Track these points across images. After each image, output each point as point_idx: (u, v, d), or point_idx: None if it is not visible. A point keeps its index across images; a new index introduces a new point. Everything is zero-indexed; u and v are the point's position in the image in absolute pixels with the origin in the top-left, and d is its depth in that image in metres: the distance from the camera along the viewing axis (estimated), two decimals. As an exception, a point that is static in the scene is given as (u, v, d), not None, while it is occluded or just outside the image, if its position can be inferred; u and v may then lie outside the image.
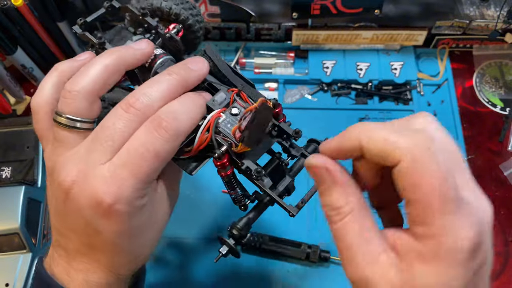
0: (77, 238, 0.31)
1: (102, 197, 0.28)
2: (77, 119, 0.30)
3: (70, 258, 0.32)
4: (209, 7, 0.63)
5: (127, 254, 0.32)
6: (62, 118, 0.30)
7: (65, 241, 0.32)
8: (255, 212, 0.34)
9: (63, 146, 0.31)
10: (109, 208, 0.28)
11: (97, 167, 0.29)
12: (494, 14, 0.63)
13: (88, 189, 0.29)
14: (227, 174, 0.32)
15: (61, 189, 0.30)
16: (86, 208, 0.29)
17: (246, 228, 0.33)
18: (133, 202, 0.29)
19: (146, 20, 0.37)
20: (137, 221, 0.31)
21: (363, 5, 0.61)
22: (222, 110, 0.32)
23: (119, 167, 0.28)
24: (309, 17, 0.63)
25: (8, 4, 0.55)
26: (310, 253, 0.52)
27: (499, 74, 0.68)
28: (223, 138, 0.31)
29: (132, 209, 0.29)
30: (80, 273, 0.32)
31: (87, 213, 0.29)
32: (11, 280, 0.49)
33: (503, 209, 0.58)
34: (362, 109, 0.64)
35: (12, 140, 0.58)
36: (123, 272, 0.33)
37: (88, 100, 0.30)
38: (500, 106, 0.65)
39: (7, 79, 0.62)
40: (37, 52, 0.64)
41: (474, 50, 0.69)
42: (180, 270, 0.54)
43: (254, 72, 0.67)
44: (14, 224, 0.50)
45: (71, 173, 0.29)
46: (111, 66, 0.31)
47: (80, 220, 0.30)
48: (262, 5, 0.64)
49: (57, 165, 0.30)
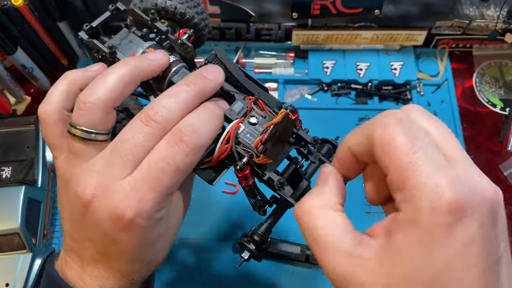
0: (93, 247, 0.31)
1: (123, 211, 0.28)
2: (93, 131, 0.30)
3: (84, 264, 0.32)
4: (209, 7, 0.63)
5: (142, 261, 0.33)
6: (77, 130, 0.30)
7: (79, 248, 0.32)
8: (274, 216, 0.34)
9: (78, 158, 0.31)
10: (129, 222, 0.28)
11: (117, 181, 0.29)
12: (494, 14, 0.63)
13: (109, 203, 0.28)
14: (248, 184, 0.32)
15: (80, 201, 0.29)
16: (106, 221, 0.29)
17: (267, 233, 0.33)
18: (153, 215, 0.29)
19: (155, 25, 0.36)
20: (155, 233, 0.31)
21: (363, 5, 0.61)
22: (241, 120, 0.32)
23: (139, 182, 0.28)
24: (309, 17, 0.63)
25: (8, 4, 0.55)
26: (310, 255, 0.52)
27: (499, 74, 0.68)
28: (243, 149, 0.31)
29: (152, 223, 0.30)
30: (95, 279, 0.32)
31: (106, 226, 0.29)
32: (11, 280, 0.49)
33: (503, 209, 0.58)
34: (362, 109, 0.64)
35: (12, 140, 0.58)
36: (137, 278, 0.33)
37: (103, 111, 0.30)
38: (500, 106, 0.65)
39: (7, 79, 0.62)
40: (37, 52, 0.64)
41: (474, 50, 0.69)
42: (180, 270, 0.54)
43: (254, 72, 0.67)
44: (14, 224, 0.50)
45: (90, 186, 0.29)
46: (127, 77, 0.31)
47: (98, 232, 0.30)
48: (262, 5, 0.64)
49: (74, 176, 0.30)
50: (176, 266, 0.54)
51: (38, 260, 0.52)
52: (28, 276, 0.50)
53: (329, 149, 0.35)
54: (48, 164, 0.58)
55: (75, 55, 0.68)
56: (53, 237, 0.56)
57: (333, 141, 0.35)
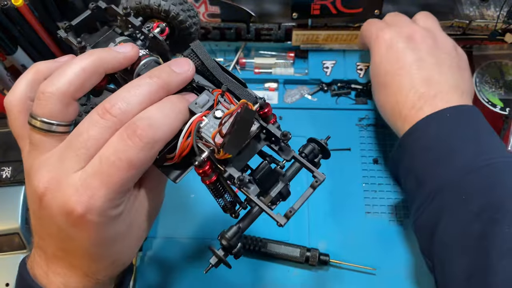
0: (53, 242, 0.31)
1: (73, 206, 0.27)
2: (52, 122, 0.29)
3: (49, 261, 0.32)
4: (209, 7, 0.63)
5: (103, 260, 0.32)
6: (37, 121, 0.29)
7: (43, 244, 0.32)
8: (247, 220, 0.33)
9: (38, 149, 0.30)
10: (80, 218, 0.28)
11: (69, 175, 0.28)
12: (494, 14, 0.64)
13: (60, 197, 0.28)
14: (211, 182, 0.30)
15: (35, 194, 0.29)
16: (58, 215, 0.28)
17: (236, 237, 0.31)
18: (106, 212, 0.28)
19: (129, 21, 0.35)
20: (111, 231, 0.30)
21: (363, 5, 0.61)
22: (205, 113, 0.30)
23: (90, 176, 0.28)
24: (309, 17, 0.63)
25: (8, 4, 0.55)
26: (310, 257, 0.52)
27: (499, 74, 0.68)
28: (204, 144, 0.29)
29: (105, 220, 0.29)
30: (58, 277, 0.31)
31: (59, 221, 0.29)
32: (11, 280, 0.50)
33: (503, 209, 0.58)
34: (362, 109, 0.64)
35: (12, 140, 0.57)
36: (101, 277, 0.33)
37: (62, 102, 0.29)
38: (500, 106, 0.65)
39: (7, 79, 0.62)
40: (37, 52, 0.64)
41: (474, 50, 0.69)
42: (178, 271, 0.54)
43: (254, 72, 0.67)
44: (15, 224, 0.50)
45: (44, 179, 0.29)
46: (89, 68, 0.30)
47: (53, 227, 0.30)
48: (262, 5, 0.64)
49: (32, 169, 0.30)
50: (165, 267, 0.54)
51: (38, 260, 0.52)
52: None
53: (314, 149, 0.33)
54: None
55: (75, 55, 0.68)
56: (53, 237, 0.57)
57: (323, 142, 0.34)
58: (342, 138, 0.61)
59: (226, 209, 0.33)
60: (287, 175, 0.33)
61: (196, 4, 0.63)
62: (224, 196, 0.32)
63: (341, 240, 0.55)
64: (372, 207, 0.57)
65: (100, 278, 0.33)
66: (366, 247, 0.54)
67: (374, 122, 0.63)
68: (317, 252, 0.52)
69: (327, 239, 0.55)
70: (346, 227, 0.56)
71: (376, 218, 0.56)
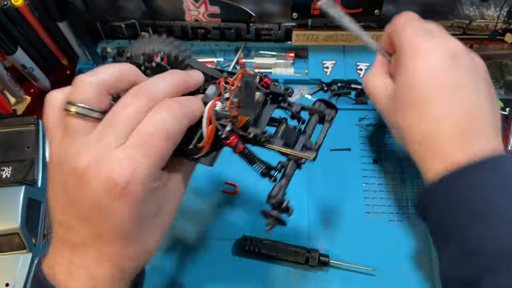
0: (85, 228, 0.31)
1: (117, 179, 0.29)
2: (89, 107, 0.31)
3: (74, 255, 0.32)
4: (209, 7, 0.63)
5: (133, 245, 0.33)
6: (75, 107, 0.31)
7: (70, 235, 0.32)
8: (284, 179, 0.36)
9: (74, 134, 0.31)
10: (123, 190, 0.29)
11: (111, 151, 0.30)
12: (494, 14, 0.64)
13: (103, 172, 0.29)
14: (241, 150, 0.34)
15: (74, 176, 0.30)
16: (100, 191, 0.29)
17: (280, 193, 0.35)
18: (146, 183, 0.30)
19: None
20: (147, 207, 0.32)
21: (363, 5, 0.61)
22: (217, 99, 0.35)
23: (132, 149, 0.30)
24: (309, 17, 0.63)
25: (8, 4, 0.55)
26: (309, 257, 0.52)
27: (499, 74, 0.68)
28: (225, 121, 0.34)
29: (145, 192, 0.30)
30: (84, 270, 0.31)
31: (101, 196, 0.29)
32: (11, 280, 0.50)
33: (503, 209, 0.58)
34: (362, 109, 0.64)
35: (12, 140, 0.58)
36: (128, 267, 0.33)
37: (98, 91, 0.31)
38: (500, 106, 0.65)
39: (7, 79, 0.62)
40: (37, 52, 0.64)
41: (474, 50, 0.69)
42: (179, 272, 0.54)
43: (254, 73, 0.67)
44: (14, 224, 0.50)
45: (85, 159, 0.30)
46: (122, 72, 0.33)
47: (91, 206, 0.30)
48: (262, 5, 0.64)
49: (69, 152, 0.31)
50: (172, 267, 0.54)
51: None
52: (28, 276, 0.50)
53: (320, 105, 0.39)
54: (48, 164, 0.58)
55: (75, 55, 0.68)
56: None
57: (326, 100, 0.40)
58: (342, 138, 0.61)
59: (264, 174, 0.37)
60: (306, 132, 0.37)
61: (196, 4, 0.63)
62: (257, 162, 0.36)
63: (341, 241, 0.55)
64: (372, 207, 0.57)
65: (126, 269, 0.33)
66: (366, 247, 0.54)
67: (374, 122, 0.63)
68: (317, 253, 0.52)
69: (326, 240, 0.55)
70: (346, 227, 0.56)
71: (376, 218, 0.56)
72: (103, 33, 0.69)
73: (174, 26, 0.68)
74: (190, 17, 0.66)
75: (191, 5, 0.63)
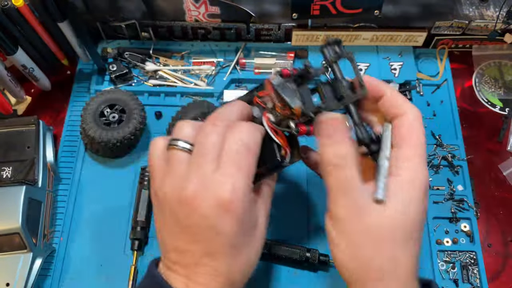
0: (198, 249, 0.35)
1: (222, 194, 0.34)
2: (189, 141, 0.37)
3: (190, 271, 0.35)
4: (209, 7, 0.64)
5: (240, 257, 0.36)
6: (180, 142, 0.37)
7: (184, 258, 0.36)
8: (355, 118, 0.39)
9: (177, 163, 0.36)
10: (230, 203, 0.34)
11: (210, 174, 0.34)
12: (493, 14, 0.64)
13: (210, 194, 0.34)
14: (312, 132, 0.38)
15: (184, 205, 0.35)
16: (210, 211, 0.34)
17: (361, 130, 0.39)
18: (245, 194, 0.35)
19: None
20: (247, 218, 0.36)
21: (363, 6, 0.61)
22: (265, 113, 0.39)
23: (226, 168, 0.35)
24: (309, 18, 0.64)
25: (9, 4, 0.56)
26: (309, 257, 0.52)
27: (498, 74, 0.68)
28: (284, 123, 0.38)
29: (245, 203, 0.35)
30: (200, 287, 0.35)
31: (211, 216, 0.34)
32: (11, 280, 0.50)
33: (502, 209, 0.58)
34: (361, 109, 0.64)
35: (12, 140, 0.58)
36: (237, 281, 0.37)
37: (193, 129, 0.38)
38: (499, 106, 0.65)
39: (8, 79, 0.62)
40: (38, 52, 0.64)
41: (474, 50, 0.69)
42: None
43: (254, 73, 0.68)
44: (15, 224, 0.50)
45: (191, 187, 0.34)
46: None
47: (202, 228, 0.34)
48: (262, 5, 0.64)
49: (174, 186, 0.36)
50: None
51: (38, 260, 0.52)
52: (28, 276, 0.50)
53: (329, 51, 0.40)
54: (48, 164, 0.58)
55: (75, 55, 0.68)
56: (53, 237, 0.57)
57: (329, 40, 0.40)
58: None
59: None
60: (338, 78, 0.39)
61: (196, 4, 0.63)
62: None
63: (341, 240, 0.55)
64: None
65: (237, 282, 0.37)
66: (366, 247, 0.54)
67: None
68: (317, 252, 0.53)
69: (326, 240, 0.55)
70: (346, 227, 0.56)
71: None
72: (104, 33, 0.69)
73: (174, 27, 0.68)
74: (190, 18, 0.66)
75: (191, 6, 0.63)
